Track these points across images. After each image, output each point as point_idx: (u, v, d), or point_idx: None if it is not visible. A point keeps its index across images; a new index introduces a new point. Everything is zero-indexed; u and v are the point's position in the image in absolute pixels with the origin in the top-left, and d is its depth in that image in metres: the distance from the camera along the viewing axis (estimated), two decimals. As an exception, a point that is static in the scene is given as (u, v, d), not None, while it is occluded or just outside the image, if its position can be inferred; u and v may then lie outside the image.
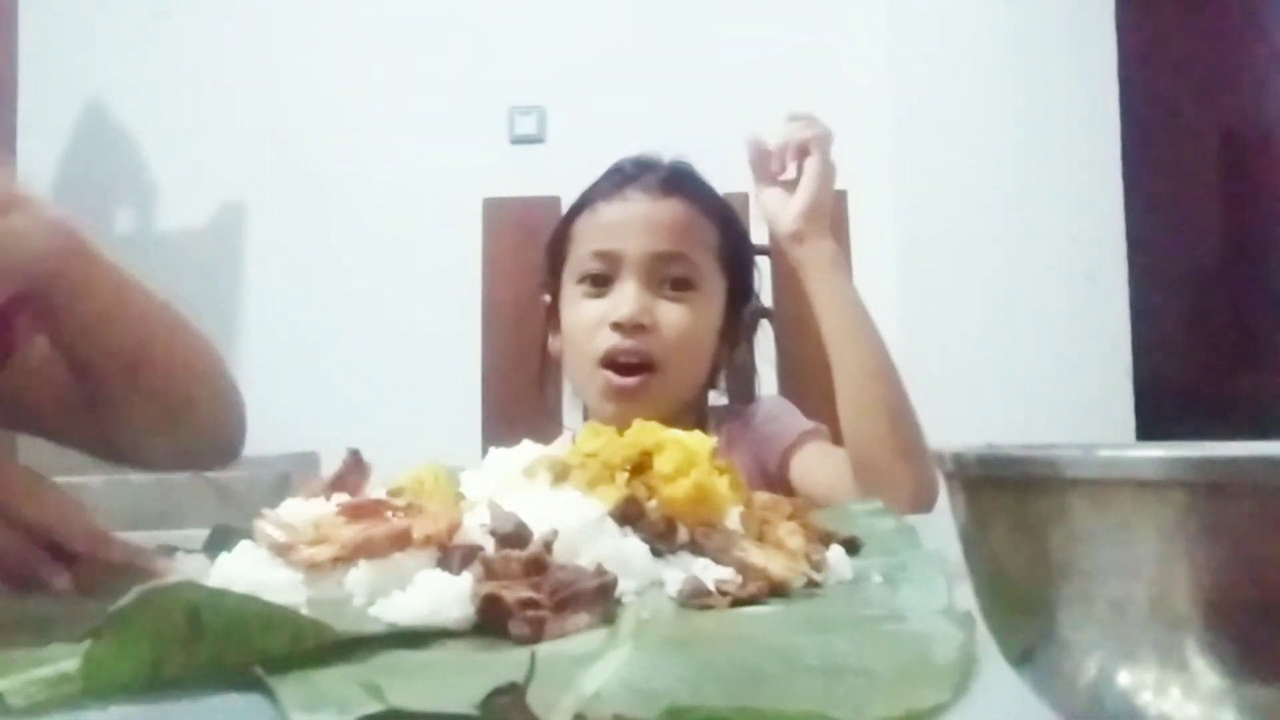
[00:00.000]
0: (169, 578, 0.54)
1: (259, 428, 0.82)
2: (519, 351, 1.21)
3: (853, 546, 0.57)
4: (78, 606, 0.51)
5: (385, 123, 2.63)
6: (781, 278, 1.21)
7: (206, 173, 2.68)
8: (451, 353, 1.51)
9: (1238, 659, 0.24)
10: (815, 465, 1.01)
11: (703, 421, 1.08)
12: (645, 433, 0.59)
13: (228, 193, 2.69)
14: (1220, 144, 2.36)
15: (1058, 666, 0.27)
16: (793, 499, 0.64)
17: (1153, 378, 2.22)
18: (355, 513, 0.51)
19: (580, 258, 1.07)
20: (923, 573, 0.52)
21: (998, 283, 2.25)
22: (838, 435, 1.01)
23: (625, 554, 0.49)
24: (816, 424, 1.05)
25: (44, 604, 0.53)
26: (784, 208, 0.98)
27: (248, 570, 0.49)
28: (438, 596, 0.43)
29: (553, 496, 0.54)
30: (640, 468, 0.56)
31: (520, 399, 1.20)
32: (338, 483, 0.59)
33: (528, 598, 0.42)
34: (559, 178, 1.23)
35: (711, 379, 1.12)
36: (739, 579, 0.49)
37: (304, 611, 0.41)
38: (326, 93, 2.65)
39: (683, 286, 1.04)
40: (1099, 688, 0.26)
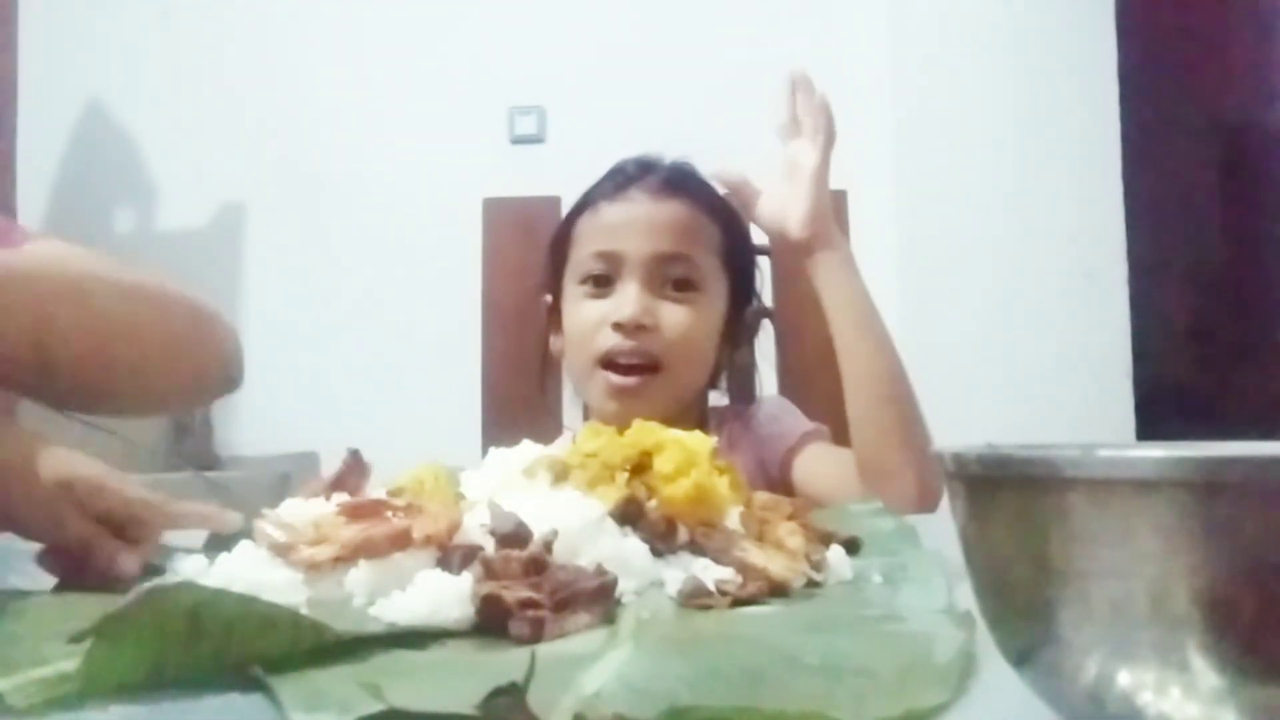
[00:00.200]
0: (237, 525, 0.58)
1: (259, 428, 0.82)
2: (519, 351, 1.21)
3: (853, 546, 0.57)
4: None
5: (385, 123, 2.63)
6: (782, 278, 1.21)
7: (206, 173, 2.68)
8: (451, 353, 1.52)
9: (1238, 659, 0.24)
10: (818, 466, 1.01)
11: (704, 422, 1.08)
12: (645, 433, 0.58)
13: (228, 193, 2.69)
14: (1220, 144, 2.36)
15: (1058, 666, 0.27)
16: (793, 499, 0.64)
17: (1153, 378, 2.21)
18: (355, 513, 0.51)
19: (582, 258, 1.07)
20: (923, 573, 0.51)
21: (997, 282, 2.25)
22: (838, 436, 1.01)
23: (625, 554, 0.49)
24: (818, 425, 1.05)
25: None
26: (785, 220, 0.98)
27: (248, 570, 0.49)
28: (438, 596, 0.43)
29: (553, 496, 0.54)
30: (640, 468, 0.56)
31: (520, 399, 1.20)
32: (338, 483, 0.59)
33: (528, 598, 0.42)
34: (559, 178, 1.23)
35: (713, 379, 1.12)
36: (739, 579, 0.49)
37: (304, 611, 0.41)
38: (326, 93, 2.65)
39: (684, 287, 1.04)
40: (1099, 688, 0.26)
